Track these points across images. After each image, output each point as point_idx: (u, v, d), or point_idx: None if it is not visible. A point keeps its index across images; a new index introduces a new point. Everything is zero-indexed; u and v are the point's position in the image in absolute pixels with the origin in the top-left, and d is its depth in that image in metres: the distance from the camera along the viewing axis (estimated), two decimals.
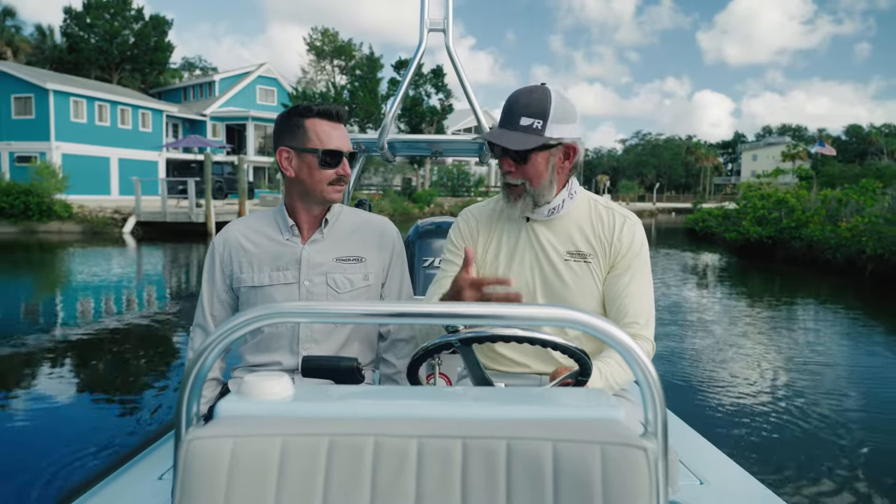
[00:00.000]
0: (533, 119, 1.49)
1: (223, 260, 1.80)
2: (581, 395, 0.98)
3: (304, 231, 1.78)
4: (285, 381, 0.89)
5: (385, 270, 1.83)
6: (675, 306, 8.82)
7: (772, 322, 7.98)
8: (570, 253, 1.60)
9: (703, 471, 1.67)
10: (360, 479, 0.78)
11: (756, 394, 4.83)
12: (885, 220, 11.22)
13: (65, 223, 19.56)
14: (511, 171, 1.55)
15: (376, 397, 0.99)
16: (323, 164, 1.68)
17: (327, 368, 1.40)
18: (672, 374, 5.27)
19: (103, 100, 30.61)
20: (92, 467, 3.38)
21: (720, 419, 4.26)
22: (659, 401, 0.82)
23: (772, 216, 14.45)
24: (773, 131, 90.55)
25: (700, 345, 6.51)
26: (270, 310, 0.83)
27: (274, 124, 1.78)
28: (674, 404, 1.72)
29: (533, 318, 0.84)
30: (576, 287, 1.58)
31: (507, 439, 0.79)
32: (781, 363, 5.85)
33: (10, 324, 7.60)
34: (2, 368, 5.63)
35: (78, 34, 38.29)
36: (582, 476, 0.76)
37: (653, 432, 0.82)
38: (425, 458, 0.79)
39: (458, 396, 1.00)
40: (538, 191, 1.54)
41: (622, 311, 1.54)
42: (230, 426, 0.81)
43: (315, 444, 0.80)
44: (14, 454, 3.64)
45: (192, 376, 0.84)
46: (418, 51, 2.36)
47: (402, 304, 0.86)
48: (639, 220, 1.64)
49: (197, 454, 0.79)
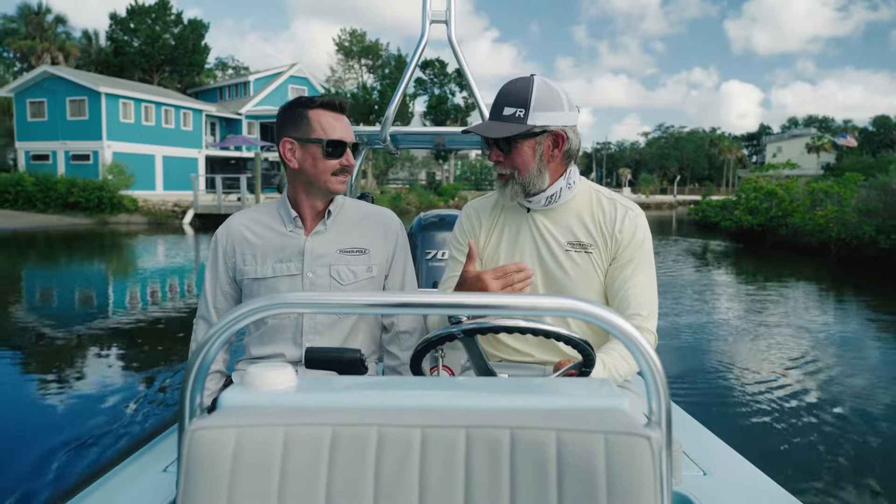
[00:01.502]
0: (515, 108, 1.51)
1: (226, 252, 1.81)
2: (585, 385, 0.98)
3: (308, 222, 1.79)
4: (288, 372, 0.90)
5: (388, 262, 1.85)
6: (669, 275, 10.92)
7: (744, 287, 10.04)
8: (571, 243, 1.60)
9: (707, 461, 1.67)
10: (364, 469, 0.79)
11: (716, 333, 6.94)
12: (854, 210, 13.11)
13: (132, 215, 22.33)
14: (500, 160, 1.57)
15: (379, 387, 0.99)
16: (327, 155, 1.70)
17: (331, 360, 1.40)
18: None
19: (149, 101, 32.90)
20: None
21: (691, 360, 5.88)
22: (663, 391, 0.83)
23: (762, 206, 16.39)
24: (800, 123, 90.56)
25: (681, 301, 8.60)
26: (273, 300, 0.84)
27: (276, 116, 1.78)
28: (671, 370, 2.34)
29: (536, 308, 0.85)
30: (577, 277, 1.59)
31: (511, 429, 0.80)
32: (742, 322, 7.95)
33: (99, 300, 9.10)
34: (76, 344, 6.30)
35: (122, 38, 41.20)
36: (586, 465, 0.77)
37: (656, 422, 0.83)
38: (429, 448, 0.80)
39: (462, 386, 1.03)
40: (526, 179, 1.56)
41: (624, 303, 1.54)
42: (233, 417, 0.82)
43: (318, 434, 0.80)
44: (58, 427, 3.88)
45: (196, 367, 0.86)
46: (420, 42, 2.39)
47: (405, 294, 0.87)
48: (641, 212, 1.63)
49: (200, 445, 0.80)
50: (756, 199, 16.67)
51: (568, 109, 1.55)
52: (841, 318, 7.93)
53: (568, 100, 1.55)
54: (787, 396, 4.55)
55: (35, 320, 7.48)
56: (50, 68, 31.49)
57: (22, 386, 4.99)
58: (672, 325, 7.01)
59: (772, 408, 4.32)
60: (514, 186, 1.57)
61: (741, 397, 4.58)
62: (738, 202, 17.67)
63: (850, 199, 14.01)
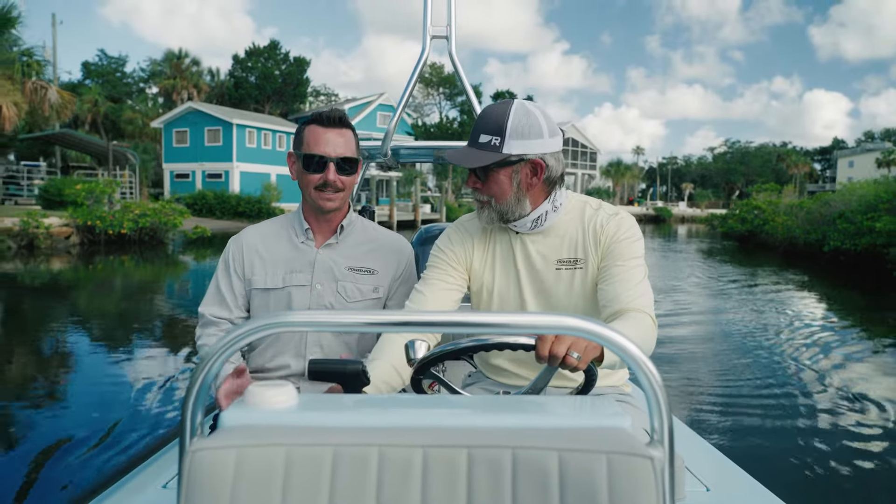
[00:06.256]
0: (491, 136, 1.52)
1: (237, 262, 1.89)
2: (586, 404, 1.00)
3: (317, 236, 1.89)
4: (289, 390, 0.92)
5: (394, 286, 1.92)
6: (666, 256, 18.14)
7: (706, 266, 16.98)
8: (561, 261, 1.63)
9: (710, 477, 1.69)
10: (365, 490, 0.81)
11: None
12: (803, 220, 19.58)
13: None
14: (477, 187, 1.60)
15: (380, 406, 1.01)
16: (306, 168, 1.77)
17: (333, 372, 1.40)
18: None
19: (266, 129, 40.76)
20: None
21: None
22: (665, 408, 0.84)
23: (749, 217, 23.11)
24: (876, 136, 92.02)
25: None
26: (275, 318, 0.85)
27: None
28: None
29: (534, 327, 0.87)
30: (570, 295, 1.63)
31: (513, 449, 0.81)
32: (707, 290, 15.01)
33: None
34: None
35: (241, 75, 50.98)
36: (588, 486, 0.79)
37: (659, 440, 0.84)
38: (430, 468, 0.82)
39: (463, 405, 1.05)
40: (504, 207, 1.58)
41: (614, 294, 1.54)
42: (234, 436, 0.84)
43: (319, 453, 0.82)
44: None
45: (197, 386, 0.87)
46: (421, 58, 2.45)
47: (402, 313, 0.88)
48: (629, 216, 1.66)
49: (201, 465, 0.81)
50: (745, 212, 23.54)
51: (549, 136, 1.55)
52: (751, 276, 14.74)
53: (548, 125, 1.55)
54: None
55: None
56: (193, 104, 40.42)
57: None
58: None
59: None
60: (490, 213, 1.60)
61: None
62: (731, 214, 24.72)
63: (800, 213, 20.50)
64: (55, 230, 16.82)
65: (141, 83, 53.33)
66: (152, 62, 51.47)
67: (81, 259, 15.28)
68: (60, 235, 16.99)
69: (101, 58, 52.78)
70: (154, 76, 50.50)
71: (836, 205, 17.46)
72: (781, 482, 2.94)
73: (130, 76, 53.55)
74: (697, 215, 53.75)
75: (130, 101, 47.50)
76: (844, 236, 15.47)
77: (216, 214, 29.29)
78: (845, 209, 16.26)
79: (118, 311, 9.56)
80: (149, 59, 51.30)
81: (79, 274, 13.37)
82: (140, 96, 49.80)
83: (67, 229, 17.20)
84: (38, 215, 16.69)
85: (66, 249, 16.66)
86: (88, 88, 41.00)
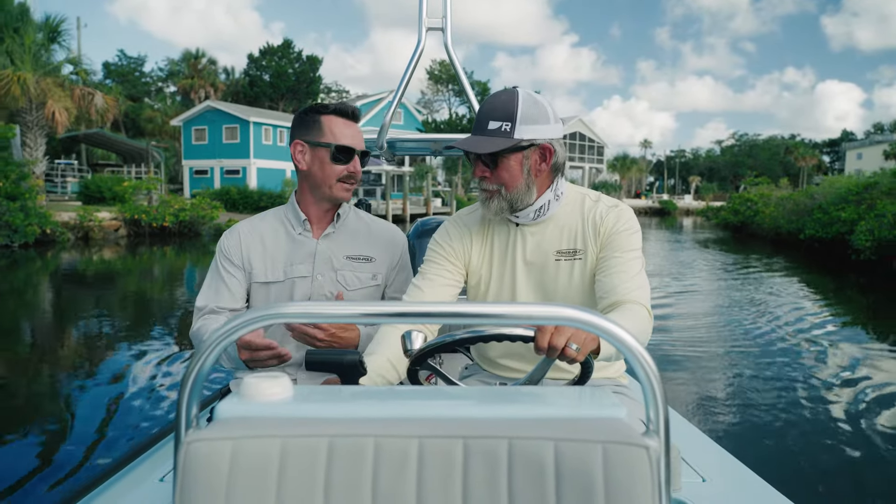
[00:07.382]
0: (500, 122, 1.53)
1: (234, 255, 1.89)
2: (582, 394, 1.01)
3: (314, 226, 1.89)
4: (285, 382, 0.92)
5: (392, 273, 1.95)
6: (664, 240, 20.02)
7: (701, 252, 18.79)
8: (561, 252, 1.65)
9: (706, 468, 1.70)
10: (361, 481, 0.82)
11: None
12: (788, 212, 21.29)
13: None
14: (485, 176, 1.59)
15: (376, 398, 1.01)
16: (334, 160, 1.79)
17: (330, 362, 1.42)
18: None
19: (282, 126, 41.12)
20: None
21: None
22: (660, 398, 0.84)
23: (742, 209, 24.90)
24: (885, 128, 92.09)
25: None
26: (270, 310, 0.85)
27: (292, 121, 1.88)
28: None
29: (533, 318, 0.86)
30: (569, 287, 1.65)
31: (509, 439, 0.82)
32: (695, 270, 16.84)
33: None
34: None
35: (256, 74, 52.95)
36: (584, 476, 0.79)
37: (654, 430, 0.84)
38: (426, 459, 0.82)
39: (459, 396, 1.06)
40: (514, 195, 1.59)
41: (611, 285, 1.56)
42: (230, 428, 0.84)
43: (315, 445, 0.83)
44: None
45: (192, 378, 0.86)
46: (416, 50, 2.46)
47: (401, 304, 0.88)
48: (628, 208, 1.68)
49: (196, 457, 0.82)
50: (738, 204, 25.34)
51: (553, 122, 1.57)
52: (730, 256, 16.51)
53: (553, 112, 1.58)
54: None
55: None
56: (212, 102, 41.83)
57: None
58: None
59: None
60: (499, 202, 1.60)
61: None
62: (725, 206, 26.65)
63: (788, 205, 22.22)
64: (106, 223, 18.89)
65: (159, 82, 55.56)
66: (170, 62, 53.65)
67: (128, 249, 17.25)
68: (110, 228, 19.12)
69: (121, 58, 55.14)
70: (172, 75, 52.63)
71: (818, 197, 19.13)
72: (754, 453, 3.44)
73: (149, 76, 55.81)
74: (699, 208, 55.57)
75: (148, 100, 49.52)
76: (819, 225, 17.19)
77: (239, 209, 31.27)
78: (823, 201, 17.97)
79: (169, 292, 11.51)
80: (167, 59, 53.40)
81: (127, 263, 15.27)
82: (159, 95, 51.96)
83: (116, 223, 19.32)
84: (92, 210, 18.75)
85: (116, 241, 18.76)
86: (109, 88, 43.04)
